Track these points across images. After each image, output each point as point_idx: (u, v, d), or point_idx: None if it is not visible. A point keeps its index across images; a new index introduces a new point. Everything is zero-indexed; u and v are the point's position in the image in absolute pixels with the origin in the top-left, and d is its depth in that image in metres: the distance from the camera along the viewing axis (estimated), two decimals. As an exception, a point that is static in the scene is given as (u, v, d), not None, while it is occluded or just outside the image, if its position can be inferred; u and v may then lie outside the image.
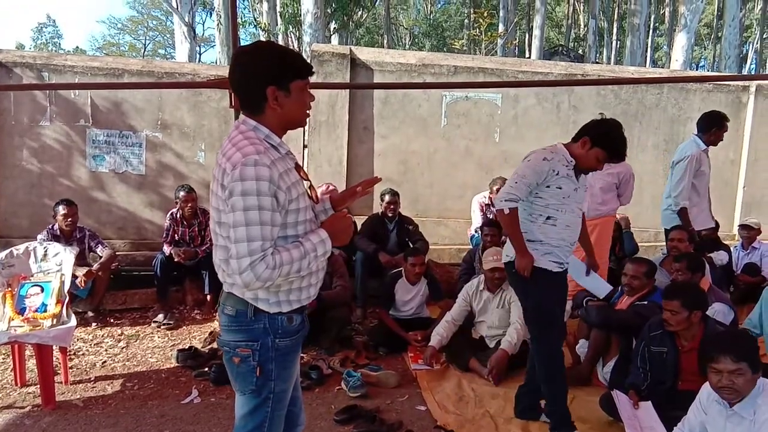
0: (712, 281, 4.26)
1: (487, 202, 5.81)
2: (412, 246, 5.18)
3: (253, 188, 1.64)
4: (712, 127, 4.62)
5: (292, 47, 15.53)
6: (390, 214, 5.40)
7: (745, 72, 22.02)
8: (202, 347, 4.43)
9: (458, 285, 4.87)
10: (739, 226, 6.10)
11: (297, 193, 1.77)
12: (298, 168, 1.86)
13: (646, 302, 3.66)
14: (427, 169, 6.49)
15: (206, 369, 3.97)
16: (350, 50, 6.34)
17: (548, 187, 2.92)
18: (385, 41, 24.32)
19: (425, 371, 4.03)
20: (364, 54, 6.42)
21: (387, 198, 5.35)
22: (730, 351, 2.25)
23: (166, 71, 6.18)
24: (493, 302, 4.20)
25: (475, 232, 5.73)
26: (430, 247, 5.58)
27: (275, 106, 1.73)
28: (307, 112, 1.84)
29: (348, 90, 6.14)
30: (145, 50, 36.54)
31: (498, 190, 5.56)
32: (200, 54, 33.64)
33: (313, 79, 1.85)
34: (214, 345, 4.49)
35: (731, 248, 5.64)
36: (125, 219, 6.22)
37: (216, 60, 15.10)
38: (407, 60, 6.45)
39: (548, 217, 2.96)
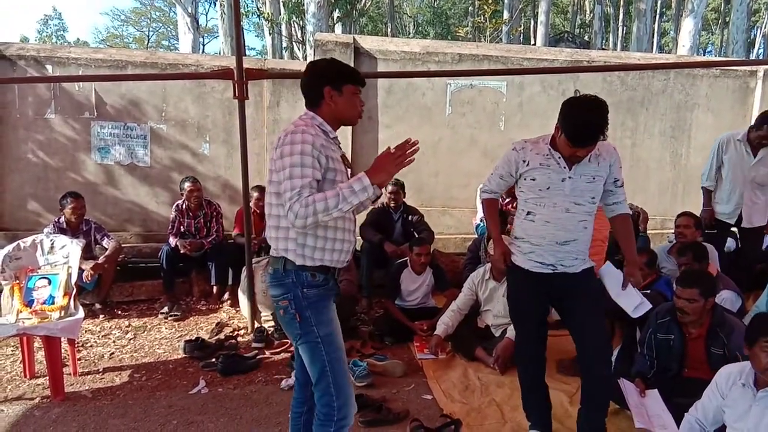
0: (720, 268, 4.24)
1: (492, 191, 5.78)
2: (417, 236, 5.17)
3: (297, 148, 2.04)
4: (755, 124, 4.57)
5: (295, 36, 15.48)
6: (393, 205, 5.39)
7: (752, 57, 21.76)
8: (209, 338, 4.45)
9: (463, 274, 4.87)
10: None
11: (335, 167, 2.13)
12: (343, 157, 2.26)
13: (649, 291, 3.64)
14: (432, 158, 6.47)
15: (213, 360, 3.99)
16: (353, 39, 6.30)
17: (524, 179, 2.71)
18: (389, 30, 24.15)
19: (431, 360, 4.04)
20: (368, 43, 6.38)
21: (389, 188, 5.34)
22: None
23: (169, 62, 6.17)
24: (499, 291, 4.19)
25: (480, 221, 5.71)
26: (436, 236, 5.57)
27: (330, 102, 2.19)
28: (360, 113, 2.28)
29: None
30: (148, 42, 36.48)
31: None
32: (204, 45, 33.63)
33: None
34: (221, 336, 4.52)
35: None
36: (131, 211, 6.24)
37: (219, 50, 15.06)
38: (411, 48, 6.41)
39: (528, 213, 2.72)
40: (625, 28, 25.02)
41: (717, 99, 6.83)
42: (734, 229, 4.91)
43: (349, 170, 2.28)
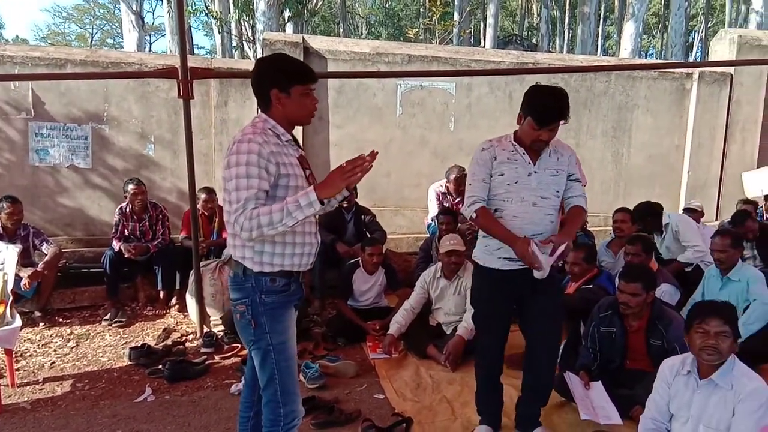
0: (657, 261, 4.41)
1: (443, 191, 5.85)
2: (369, 236, 5.18)
3: (243, 159, 2.01)
4: None
5: (245, 35, 15.25)
6: (345, 205, 5.38)
7: (691, 60, 22.77)
8: (155, 344, 4.34)
9: (416, 273, 4.90)
10: (683, 209, 6.33)
11: (288, 173, 2.10)
12: (302, 159, 2.22)
13: (591, 286, 3.77)
14: (384, 158, 6.45)
15: (160, 366, 3.89)
16: (303, 39, 6.26)
17: (493, 177, 2.74)
18: (341, 30, 24.11)
19: (384, 360, 4.06)
20: (317, 43, 6.35)
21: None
22: (719, 314, 2.30)
23: (111, 61, 5.97)
24: (450, 289, 4.25)
25: (432, 220, 5.77)
26: (388, 236, 5.60)
27: (278, 105, 2.13)
28: (312, 112, 2.20)
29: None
30: (92, 40, 35.18)
31: (455, 179, 5.65)
32: (150, 43, 32.67)
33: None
34: (168, 342, 4.41)
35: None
36: (72, 215, 6.01)
37: (167, 49, 14.68)
38: (361, 49, 6.42)
39: (496, 210, 2.74)
40: (571, 31, 25.78)
41: (656, 100, 7.12)
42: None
43: (308, 172, 2.23)
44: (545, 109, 2.59)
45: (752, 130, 7.37)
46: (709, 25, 26.40)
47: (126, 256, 5.01)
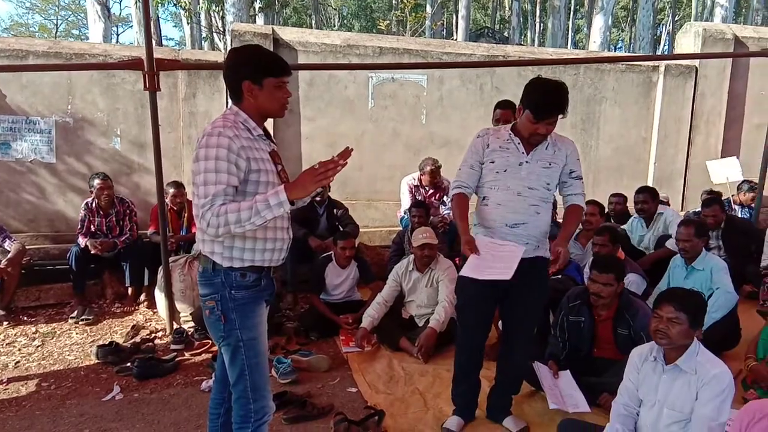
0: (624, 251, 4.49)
1: (416, 184, 5.86)
2: (342, 230, 5.16)
3: (212, 153, 1.97)
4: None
5: (215, 26, 15.00)
6: (318, 199, 5.35)
7: (659, 53, 23.18)
8: (123, 342, 4.26)
9: (389, 266, 4.91)
10: (636, 192, 6.41)
11: (259, 168, 2.06)
12: (274, 154, 2.18)
13: (560, 276, 3.82)
14: (356, 151, 6.31)
15: (129, 364, 3.82)
16: (272, 30, 6.19)
17: (485, 164, 2.77)
18: (314, 22, 23.89)
19: (356, 353, 4.06)
20: (287, 34, 6.28)
21: None
22: (674, 301, 2.36)
23: (75, 52, 5.81)
24: (422, 282, 4.27)
25: (405, 213, 5.77)
26: (361, 229, 5.59)
27: (250, 97, 2.08)
28: (285, 105, 2.15)
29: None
30: (57, 31, 34.19)
31: (428, 172, 5.67)
32: (118, 35, 31.91)
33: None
34: (137, 339, 4.34)
35: (630, 220, 5.84)
36: (36, 211, 5.85)
37: (134, 40, 14.36)
38: (332, 41, 6.37)
39: (483, 198, 2.78)
40: (542, 24, 25.99)
41: (623, 93, 7.24)
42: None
43: (279, 167, 2.19)
44: (543, 102, 2.58)
45: (716, 121, 7.55)
46: (676, 19, 26.91)
47: (92, 252, 4.90)
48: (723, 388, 2.27)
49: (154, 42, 4.38)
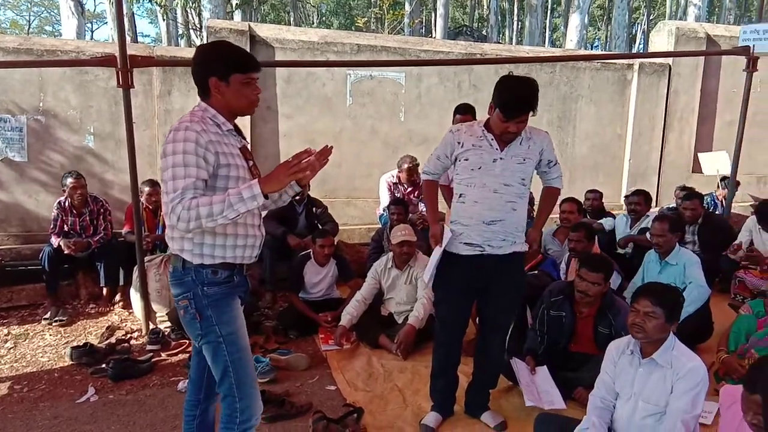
0: (599, 247, 4.56)
1: (394, 181, 5.86)
2: (321, 228, 5.14)
3: (180, 147, 1.94)
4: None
5: (192, 23, 14.83)
6: (298, 198, 5.32)
7: (634, 52, 23.51)
8: (98, 343, 4.20)
9: (368, 264, 4.90)
10: (624, 196, 6.54)
11: (229, 163, 2.04)
12: (244, 149, 2.16)
13: (537, 272, 3.86)
14: (335, 149, 6.36)
15: (103, 366, 3.76)
16: (249, 27, 6.13)
17: (459, 161, 2.79)
18: (292, 19, 23.74)
19: (335, 351, 4.05)
20: (264, 31, 6.23)
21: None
22: (651, 295, 2.40)
23: (46, 49, 5.69)
24: (401, 279, 4.28)
25: (383, 211, 5.78)
26: (340, 227, 5.57)
27: (217, 94, 2.06)
28: (254, 102, 2.12)
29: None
30: (29, 27, 33.47)
31: (407, 169, 5.68)
32: (93, 31, 31.39)
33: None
34: (112, 340, 4.27)
35: (619, 217, 5.99)
36: (7, 210, 5.71)
37: (109, 37, 14.12)
38: (309, 37, 6.33)
39: (460, 195, 2.80)
40: (520, 23, 26.18)
41: (599, 90, 7.33)
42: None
43: (250, 162, 2.16)
44: (512, 101, 2.58)
45: (689, 119, 7.69)
46: (651, 18, 27.30)
47: (66, 252, 4.81)
48: (698, 382, 2.31)
49: (129, 39, 4.31)
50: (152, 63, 4.85)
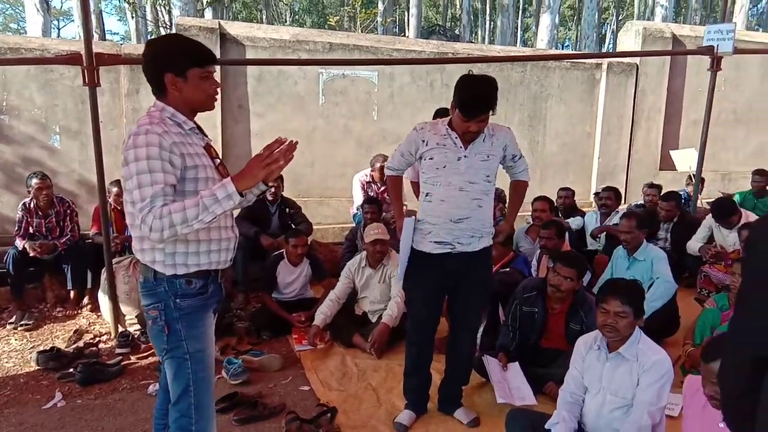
0: (570, 244, 4.63)
1: (368, 180, 5.86)
2: (294, 227, 5.12)
3: (142, 153, 1.82)
4: None
5: (162, 21, 14.59)
6: (271, 199, 5.29)
7: (604, 51, 23.90)
8: (66, 347, 4.10)
9: (342, 263, 4.89)
10: (594, 194, 6.66)
11: (196, 164, 1.93)
12: (209, 147, 2.07)
13: (509, 269, 3.90)
14: (307, 147, 6.41)
15: (71, 370, 3.68)
16: (219, 24, 6.05)
17: (424, 159, 2.80)
18: (264, 17, 23.54)
19: (309, 351, 4.03)
20: (235, 29, 6.16)
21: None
22: (620, 294, 2.45)
23: (9, 46, 5.53)
24: (375, 278, 4.28)
25: (357, 210, 5.77)
26: (314, 227, 5.55)
27: (174, 90, 1.95)
28: (213, 97, 2.03)
29: (219, 66, 5.84)
30: (-7, 25, 32.55)
31: (380, 168, 5.68)
32: (59, 29, 30.63)
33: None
34: (80, 344, 4.18)
35: (588, 214, 6.10)
36: (-31, 212, 5.56)
37: (77, 35, 13.81)
38: (281, 36, 6.29)
39: (426, 194, 2.82)
40: (492, 22, 26.41)
41: (568, 90, 7.44)
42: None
43: (217, 161, 2.07)
44: (470, 101, 2.59)
45: (656, 118, 7.86)
46: (620, 18, 27.82)
47: (31, 254, 4.69)
48: (663, 374, 2.37)
49: (96, 36, 4.21)
50: (119, 61, 4.76)
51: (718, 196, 6.22)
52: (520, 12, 26.59)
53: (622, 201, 7.52)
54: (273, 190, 5.22)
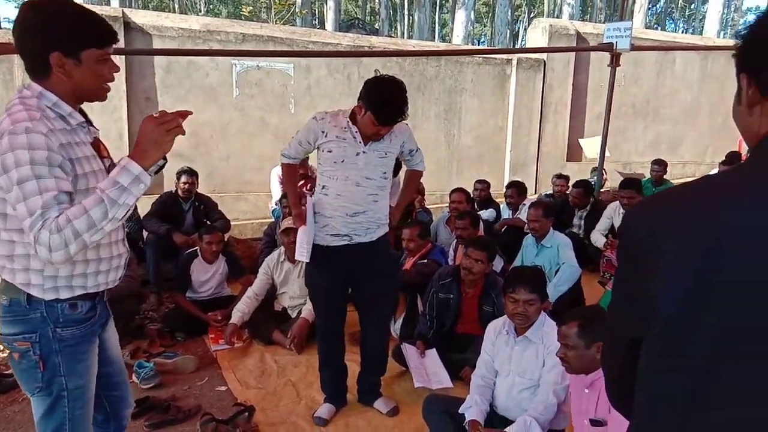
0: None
1: (285, 174, 5.77)
2: (208, 224, 4.96)
3: (24, 157, 1.43)
4: None
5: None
6: (183, 196, 5.10)
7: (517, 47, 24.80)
8: (-45, 360, 3.77)
9: (260, 259, 4.81)
10: (506, 185, 6.91)
11: (86, 170, 1.58)
12: (97, 144, 1.69)
13: (426, 260, 3.99)
14: (222, 141, 6.24)
15: (-38, 383, 3.39)
16: (122, 12, 5.75)
17: (322, 151, 2.73)
18: (176, 6, 22.62)
19: (227, 351, 3.93)
20: (140, 17, 5.88)
21: (183, 178, 5.01)
22: (527, 283, 2.56)
23: None
24: (294, 272, 4.23)
25: (276, 204, 5.68)
26: (231, 222, 5.41)
27: (61, 74, 1.54)
28: (107, 85, 1.64)
29: (123, 57, 5.55)
30: None
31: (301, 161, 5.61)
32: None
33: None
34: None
35: (503, 206, 6.32)
36: None
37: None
38: (190, 25, 6.06)
39: (323, 187, 2.76)
40: (410, 17, 26.74)
41: (481, 84, 7.67)
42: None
43: (107, 162, 1.72)
44: (387, 108, 2.56)
45: (563, 112, 8.26)
46: (531, 15, 28.97)
47: None
48: None
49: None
50: (10, 50, 4.41)
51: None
52: (438, 8, 27.10)
53: (533, 191, 7.88)
54: (186, 186, 5.03)
